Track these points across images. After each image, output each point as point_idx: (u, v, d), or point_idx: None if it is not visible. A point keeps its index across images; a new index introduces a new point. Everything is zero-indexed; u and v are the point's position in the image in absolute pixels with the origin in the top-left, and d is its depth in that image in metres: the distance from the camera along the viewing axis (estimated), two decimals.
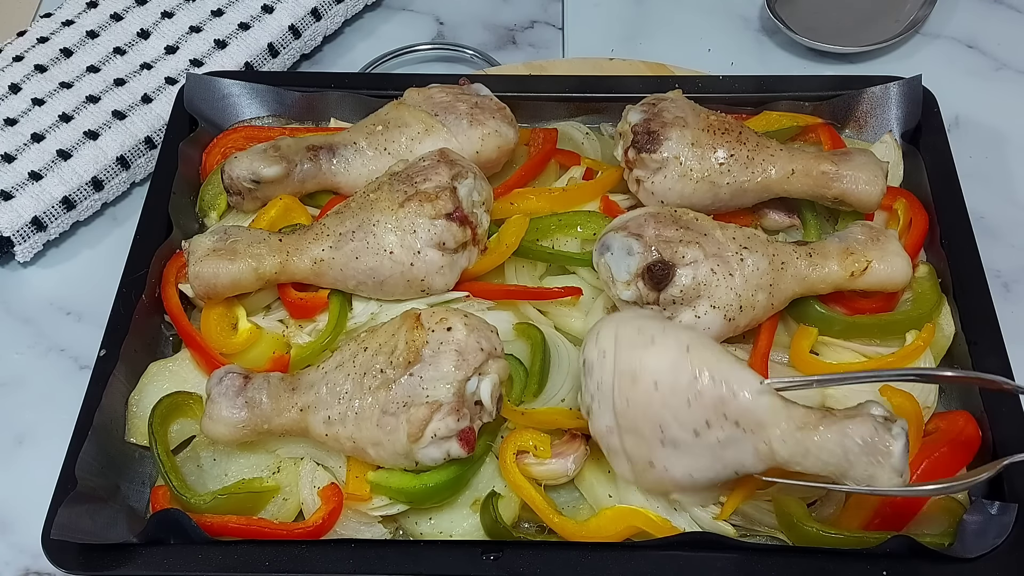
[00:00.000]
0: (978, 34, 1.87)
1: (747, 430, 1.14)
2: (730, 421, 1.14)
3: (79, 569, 1.18)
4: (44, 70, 1.73)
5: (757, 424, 1.14)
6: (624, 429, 1.17)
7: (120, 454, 1.30)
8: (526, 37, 1.92)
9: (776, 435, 1.14)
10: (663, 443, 1.16)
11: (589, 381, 1.20)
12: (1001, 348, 1.31)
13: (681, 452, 1.16)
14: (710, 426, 1.15)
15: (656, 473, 1.18)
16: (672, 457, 1.16)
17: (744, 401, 1.14)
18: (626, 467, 1.20)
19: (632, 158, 1.43)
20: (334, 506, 1.22)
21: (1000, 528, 1.17)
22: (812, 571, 1.15)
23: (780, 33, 1.85)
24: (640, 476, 1.19)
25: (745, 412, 1.14)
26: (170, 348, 1.42)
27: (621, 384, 1.17)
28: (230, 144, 1.58)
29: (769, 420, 1.14)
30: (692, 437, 1.15)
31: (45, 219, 1.58)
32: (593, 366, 1.19)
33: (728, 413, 1.14)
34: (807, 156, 1.43)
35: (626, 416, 1.17)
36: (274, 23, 1.79)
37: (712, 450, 1.15)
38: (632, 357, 1.17)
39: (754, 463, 1.16)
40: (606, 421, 1.18)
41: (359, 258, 1.35)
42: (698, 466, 1.16)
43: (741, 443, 1.15)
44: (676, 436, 1.15)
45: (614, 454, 1.20)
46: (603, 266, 1.34)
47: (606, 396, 1.18)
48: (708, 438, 1.15)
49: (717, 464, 1.16)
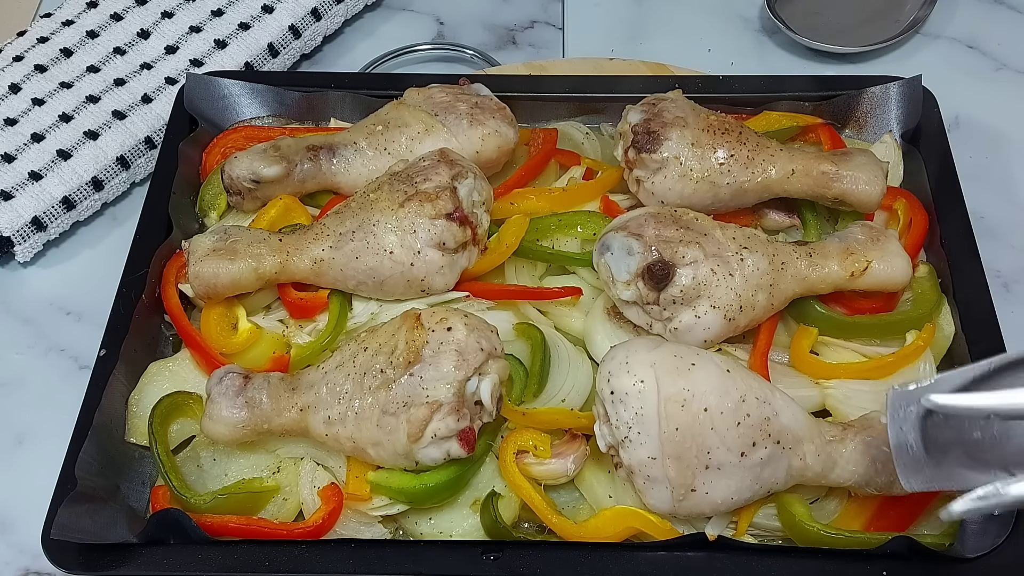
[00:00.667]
0: (978, 34, 1.87)
1: (786, 447, 1.16)
2: (773, 439, 1.15)
3: (79, 569, 1.18)
4: (44, 70, 1.73)
5: (795, 441, 1.17)
6: (668, 456, 1.14)
7: (120, 454, 1.30)
8: (526, 37, 1.92)
9: (811, 450, 1.17)
10: (708, 467, 1.14)
11: (623, 411, 1.14)
12: (1001, 348, 1.31)
13: (725, 475, 1.15)
14: (755, 446, 1.15)
15: (696, 498, 1.16)
16: (715, 481, 1.15)
17: (787, 419, 1.17)
18: (665, 495, 1.16)
19: (632, 158, 1.43)
20: (334, 506, 1.22)
21: (1000, 528, 1.17)
22: (812, 571, 1.16)
23: (780, 33, 1.85)
24: (679, 503, 1.16)
25: (786, 430, 1.16)
26: (170, 348, 1.42)
27: (669, 411, 1.13)
28: (230, 144, 1.58)
29: (805, 436, 1.17)
30: (738, 459, 1.15)
31: (45, 219, 1.58)
32: (629, 395, 1.14)
33: (772, 432, 1.16)
34: (807, 156, 1.43)
35: (672, 443, 1.13)
36: (274, 23, 1.79)
37: (753, 471, 1.16)
38: (678, 383, 1.14)
39: (785, 480, 1.18)
40: (648, 451, 1.14)
41: (359, 258, 1.35)
42: (739, 487, 1.16)
43: (779, 461, 1.16)
44: (722, 459, 1.14)
45: (653, 483, 1.15)
46: (603, 266, 1.34)
47: (649, 426, 1.13)
48: (752, 459, 1.15)
49: (756, 484, 1.16)
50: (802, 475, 1.18)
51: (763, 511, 1.22)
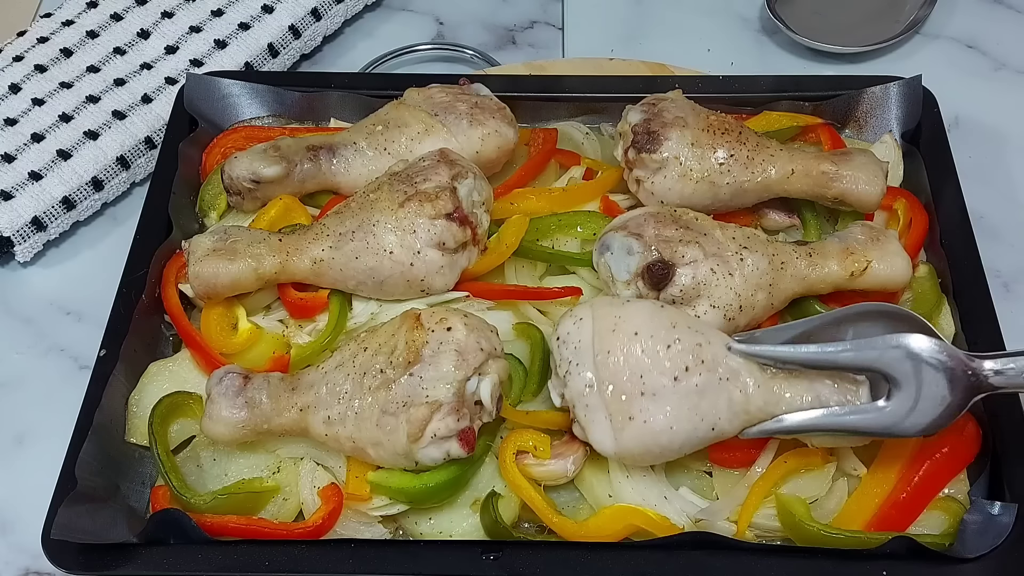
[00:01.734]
0: (978, 34, 1.87)
1: (722, 377, 1.18)
2: (707, 366, 1.18)
3: (79, 569, 1.18)
4: (44, 70, 1.73)
5: (732, 372, 1.19)
6: (603, 382, 1.18)
7: (120, 454, 1.30)
8: (526, 37, 1.92)
9: (750, 383, 1.19)
10: (643, 394, 1.17)
11: (565, 351, 1.20)
12: (1001, 347, 1.31)
13: (661, 401, 1.17)
14: (688, 371, 1.17)
15: (636, 428, 1.17)
16: (652, 408, 1.17)
17: (719, 348, 1.19)
18: (606, 428, 1.18)
19: (632, 158, 1.43)
20: (334, 506, 1.22)
21: (1000, 528, 1.17)
22: (812, 571, 1.16)
23: (780, 33, 1.85)
24: (621, 437, 1.18)
25: (720, 359, 1.19)
26: (170, 348, 1.42)
27: (600, 337, 1.19)
28: (230, 144, 1.58)
29: (743, 368, 1.19)
30: (671, 383, 1.17)
31: (45, 219, 1.58)
32: (571, 334, 1.21)
33: (705, 359, 1.18)
34: (807, 156, 1.43)
35: (606, 367, 1.18)
36: (274, 23, 1.79)
37: (690, 398, 1.17)
38: (610, 313, 1.21)
39: (729, 418, 1.18)
40: (584, 380, 1.19)
41: (359, 258, 1.35)
42: (677, 416, 1.17)
43: (718, 391, 1.18)
44: (656, 384, 1.17)
45: (594, 413, 1.19)
46: (603, 265, 1.34)
47: (584, 354, 1.19)
48: (687, 384, 1.17)
49: (695, 415, 1.17)
50: (746, 411, 1.18)
51: (763, 511, 1.22)
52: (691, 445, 1.19)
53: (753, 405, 1.18)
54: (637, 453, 1.19)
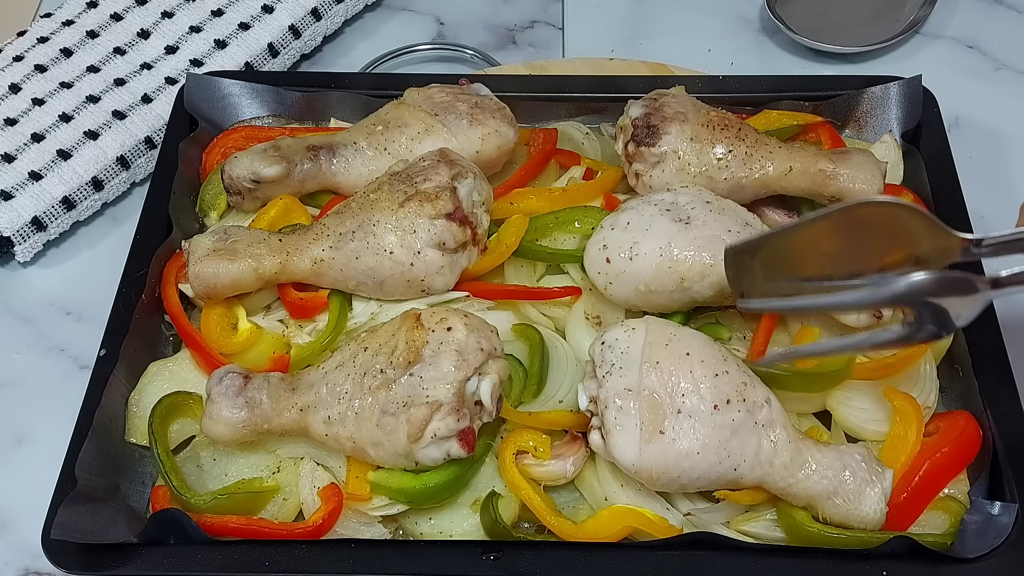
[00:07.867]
0: (978, 34, 1.87)
1: (758, 423, 1.18)
2: (747, 406, 1.18)
3: (79, 569, 1.18)
4: (44, 70, 1.73)
5: (769, 421, 1.18)
6: (644, 389, 1.17)
7: (120, 454, 1.30)
8: (526, 37, 1.92)
9: (783, 437, 1.18)
10: (680, 412, 1.16)
11: (610, 354, 1.20)
12: (1001, 348, 1.31)
13: (695, 424, 1.16)
14: (729, 404, 1.17)
15: (662, 444, 1.16)
16: (684, 428, 1.16)
17: (762, 395, 1.19)
18: (633, 436, 1.16)
19: (632, 152, 1.43)
20: (334, 506, 1.22)
21: (1000, 528, 1.17)
22: (812, 571, 1.16)
23: (780, 33, 1.85)
24: (646, 449, 1.16)
25: (761, 404, 1.19)
26: (170, 348, 1.42)
27: (652, 348, 1.19)
28: (230, 144, 1.58)
29: (779, 422, 1.19)
30: (710, 411, 1.16)
31: (45, 219, 1.58)
32: (619, 340, 1.21)
33: (747, 399, 1.18)
34: (805, 154, 1.44)
35: (651, 376, 1.17)
36: (274, 23, 1.79)
37: (722, 432, 1.16)
38: (665, 329, 1.21)
39: (752, 465, 1.17)
40: (627, 383, 1.18)
41: (359, 258, 1.35)
42: (705, 445, 1.16)
43: (749, 434, 1.17)
44: (695, 406, 1.16)
45: (624, 417, 1.16)
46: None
47: (632, 359, 1.19)
48: (724, 416, 1.17)
49: (722, 451, 1.16)
50: (770, 464, 1.17)
51: (763, 522, 1.22)
52: (707, 481, 1.18)
53: (779, 459, 1.17)
54: (655, 471, 1.17)
